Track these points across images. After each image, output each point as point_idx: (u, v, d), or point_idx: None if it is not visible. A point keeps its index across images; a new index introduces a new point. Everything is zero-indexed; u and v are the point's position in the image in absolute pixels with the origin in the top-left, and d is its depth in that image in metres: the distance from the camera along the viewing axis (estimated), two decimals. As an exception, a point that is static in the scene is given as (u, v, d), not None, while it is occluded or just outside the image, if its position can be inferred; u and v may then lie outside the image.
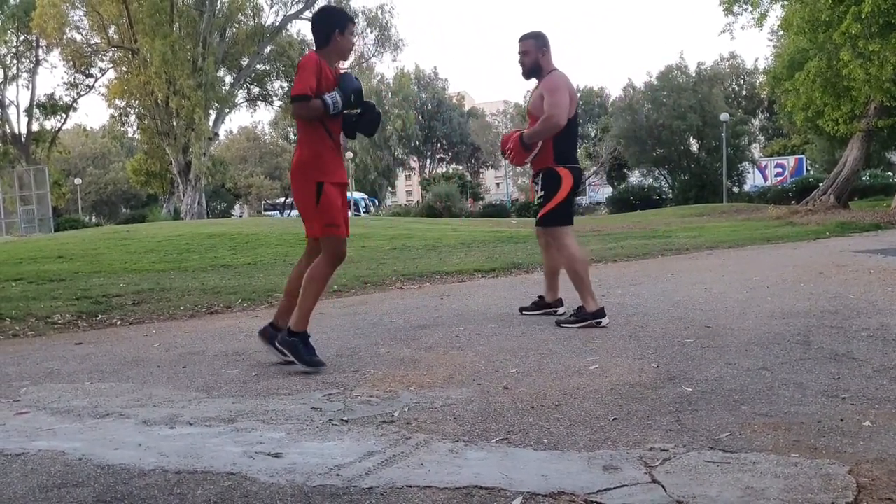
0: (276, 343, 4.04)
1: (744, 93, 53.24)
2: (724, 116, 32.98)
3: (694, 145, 39.01)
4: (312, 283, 4.01)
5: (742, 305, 5.53)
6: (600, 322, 4.88)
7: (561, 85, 4.99)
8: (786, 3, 20.54)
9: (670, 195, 38.33)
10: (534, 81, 5.18)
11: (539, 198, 5.16)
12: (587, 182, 51.32)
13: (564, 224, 5.14)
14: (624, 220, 22.50)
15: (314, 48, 4.16)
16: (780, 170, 41.79)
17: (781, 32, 23.46)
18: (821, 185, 23.82)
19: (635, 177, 44.50)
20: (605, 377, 3.56)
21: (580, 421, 2.90)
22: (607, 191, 46.61)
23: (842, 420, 2.77)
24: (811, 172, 39.69)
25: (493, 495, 2.21)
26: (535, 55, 5.09)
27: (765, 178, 41.28)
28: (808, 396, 3.11)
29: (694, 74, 39.91)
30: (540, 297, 5.63)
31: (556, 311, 5.45)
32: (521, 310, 5.61)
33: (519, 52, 5.14)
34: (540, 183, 5.16)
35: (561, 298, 5.54)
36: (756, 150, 47.53)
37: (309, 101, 3.90)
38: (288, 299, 4.23)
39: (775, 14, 22.33)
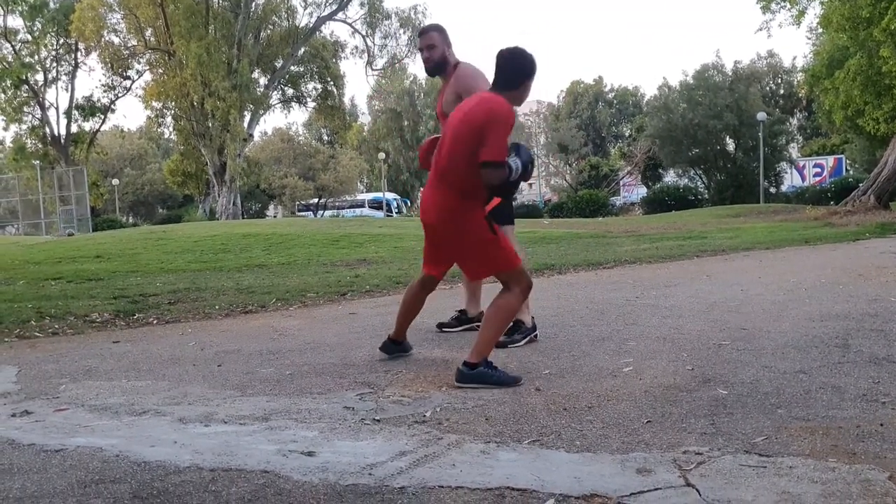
0: (459, 382, 3.57)
1: (781, 92, 52.55)
2: (761, 116, 32.58)
3: (730, 145, 38.56)
4: (502, 313, 3.66)
5: (779, 307, 5.45)
6: (505, 344, 4.41)
7: (479, 73, 4.51)
8: (825, 0, 20.23)
9: (706, 196, 37.92)
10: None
11: None
12: (622, 182, 50.98)
13: (503, 223, 4.37)
14: (659, 221, 22.31)
15: (493, 87, 3.71)
16: (818, 170, 41.16)
17: (820, 30, 23.11)
18: (861, 185, 23.41)
19: (670, 177, 44.10)
20: (639, 379, 3.53)
21: (613, 423, 2.87)
22: (642, 191, 46.23)
23: (881, 425, 2.72)
24: (851, 172, 39.03)
25: (524, 497, 2.20)
26: (442, 48, 4.60)
27: (803, 179, 40.68)
28: (846, 400, 3.05)
29: (730, 73, 39.43)
30: (461, 310, 5.11)
31: (478, 326, 4.86)
32: (440, 326, 5.09)
33: (423, 47, 4.63)
34: None
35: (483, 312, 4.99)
36: (794, 150, 46.85)
37: (504, 167, 3.49)
38: (405, 316, 4.22)
39: (814, 11, 22.03)
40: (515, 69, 3.71)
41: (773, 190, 37.61)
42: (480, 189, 3.65)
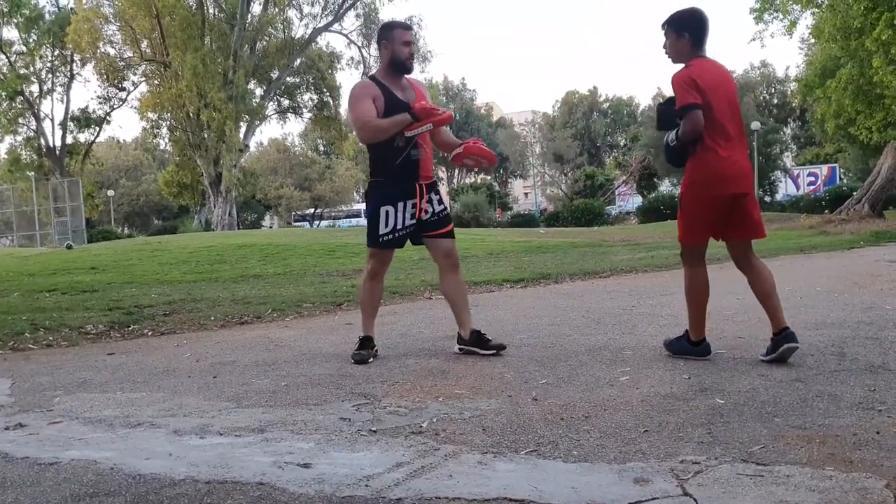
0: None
1: (775, 101, 52.80)
2: (755, 125, 32.69)
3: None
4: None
5: (775, 316, 5.45)
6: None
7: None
8: (816, 10, 20.34)
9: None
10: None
11: (441, 211, 4.59)
12: (617, 192, 51.07)
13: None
14: (654, 230, 22.34)
15: (691, 45, 4.01)
16: (812, 179, 41.32)
17: (812, 40, 23.23)
18: (854, 194, 23.47)
19: (665, 186, 44.17)
20: (636, 388, 3.52)
21: (610, 433, 2.87)
22: (637, 200, 46.31)
23: (878, 433, 2.72)
24: (844, 181, 39.18)
25: (522, 507, 2.20)
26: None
27: (797, 188, 40.83)
28: (842, 409, 3.05)
29: (724, 83, 39.51)
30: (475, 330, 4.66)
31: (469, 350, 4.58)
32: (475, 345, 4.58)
33: (411, 41, 4.55)
34: (437, 196, 4.61)
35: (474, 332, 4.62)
36: (788, 159, 47.01)
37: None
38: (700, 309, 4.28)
39: (805, 22, 22.11)
40: (704, 27, 4.05)
41: (767, 199, 37.69)
42: None
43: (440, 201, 4.62)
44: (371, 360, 4.45)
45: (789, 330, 3.95)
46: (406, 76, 4.56)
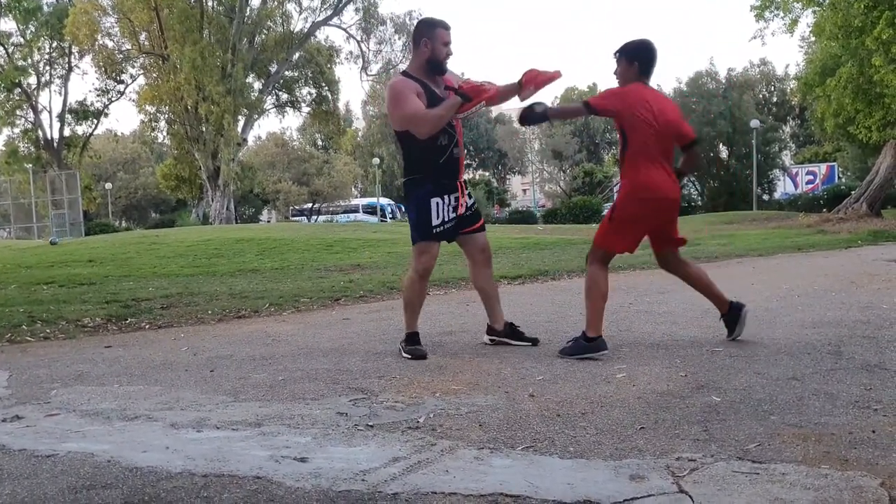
0: None
1: (775, 99, 52.74)
2: (754, 123, 32.72)
3: (724, 152, 38.67)
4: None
5: (772, 314, 5.47)
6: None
7: None
8: (817, 9, 20.34)
9: (699, 203, 38.01)
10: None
11: (472, 205, 4.63)
12: (615, 189, 51.10)
13: None
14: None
15: (638, 73, 4.31)
16: (811, 177, 41.31)
17: (813, 38, 23.23)
18: (853, 193, 23.47)
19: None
20: (633, 385, 3.53)
21: (607, 429, 2.87)
22: (635, 198, 46.17)
23: (873, 431, 2.73)
24: (843, 180, 39.18)
25: (518, 503, 2.20)
26: None
27: (796, 186, 40.83)
28: (838, 407, 3.06)
29: (724, 81, 39.60)
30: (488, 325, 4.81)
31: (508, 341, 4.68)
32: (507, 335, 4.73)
33: (450, 41, 4.49)
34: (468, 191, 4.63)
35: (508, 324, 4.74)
36: (787, 158, 47.04)
37: None
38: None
39: (806, 20, 22.10)
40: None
41: (766, 197, 37.75)
42: None
43: (470, 195, 4.65)
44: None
45: (733, 303, 4.56)
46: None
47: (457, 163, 4.47)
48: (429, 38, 4.39)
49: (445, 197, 4.41)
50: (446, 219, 4.42)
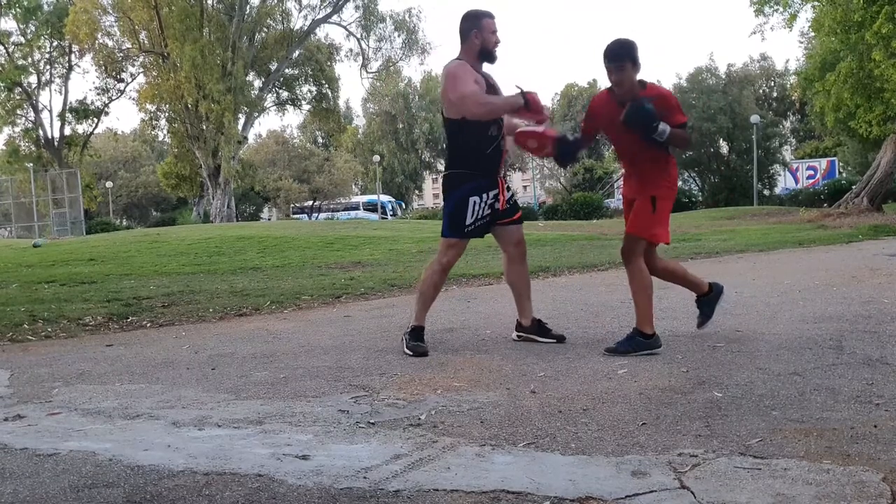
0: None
1: (775, 94, 52.68)
2: (754, 118, 32.67)
3: (724, 148, 38.65)
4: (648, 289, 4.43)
5: (773, 310, 5.46)
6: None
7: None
8: (817, 4, 20.31)
9: (700, 198, 37.98)
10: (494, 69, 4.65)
11: (511, 198, 4.65)
12: (616, 185, 51.07)
13: None
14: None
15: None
16: (811, 172, 41.21)
17: (812, 34, 23.20)
18: (853, 187, 23.45)
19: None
20: (634, 381, 3.53)
21: (608, 426, 2.87)
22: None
23: (875, 426, 2.73)
24: (843, 175, 39.11)
25: (520, 500, 2.20)
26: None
27: (796, 181, 40.76)
28: (840, 402, 3.06)
29: (724, 76, 39.58)
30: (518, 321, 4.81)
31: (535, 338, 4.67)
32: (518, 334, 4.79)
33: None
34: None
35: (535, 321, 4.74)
36: (787, 153, 46.97)
37: None
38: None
39: (806, 15, 22.07)
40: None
41: (766, 192, 37.72)
42: None
43: (508, 188, 4.66)
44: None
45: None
46: None
47: (501, 155, 4.49)
48: (478, 28, 4.43)
49: (484, 195, 4.42)
50: (479, 216, 4.43)
